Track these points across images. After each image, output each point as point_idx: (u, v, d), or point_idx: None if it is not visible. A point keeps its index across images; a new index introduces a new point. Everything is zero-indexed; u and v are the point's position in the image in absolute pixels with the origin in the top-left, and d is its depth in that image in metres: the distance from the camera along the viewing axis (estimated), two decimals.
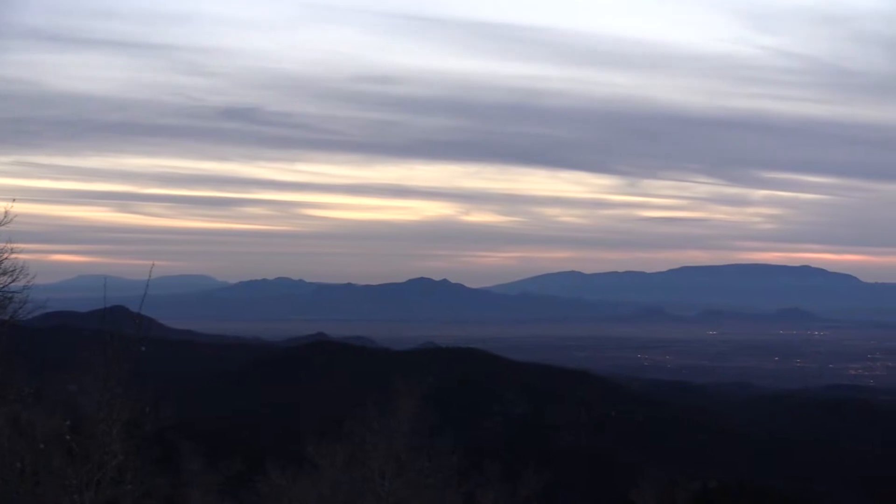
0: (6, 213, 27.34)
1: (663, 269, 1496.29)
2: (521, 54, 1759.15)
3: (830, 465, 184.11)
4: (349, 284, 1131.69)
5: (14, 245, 27.85)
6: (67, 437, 26.58)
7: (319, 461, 50.49)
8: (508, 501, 55.89)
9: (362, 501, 49.00)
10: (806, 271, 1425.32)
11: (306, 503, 50.55)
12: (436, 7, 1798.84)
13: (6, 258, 27.95)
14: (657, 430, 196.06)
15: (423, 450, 48.48)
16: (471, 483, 54.31)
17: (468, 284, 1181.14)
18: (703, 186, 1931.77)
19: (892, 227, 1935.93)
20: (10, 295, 28.21)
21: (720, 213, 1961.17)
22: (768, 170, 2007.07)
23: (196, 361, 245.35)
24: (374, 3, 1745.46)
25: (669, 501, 61.67)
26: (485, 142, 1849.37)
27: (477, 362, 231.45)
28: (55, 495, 26.66)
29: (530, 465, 58.69)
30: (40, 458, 26.83)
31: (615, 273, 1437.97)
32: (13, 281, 28.21)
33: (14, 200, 27.64)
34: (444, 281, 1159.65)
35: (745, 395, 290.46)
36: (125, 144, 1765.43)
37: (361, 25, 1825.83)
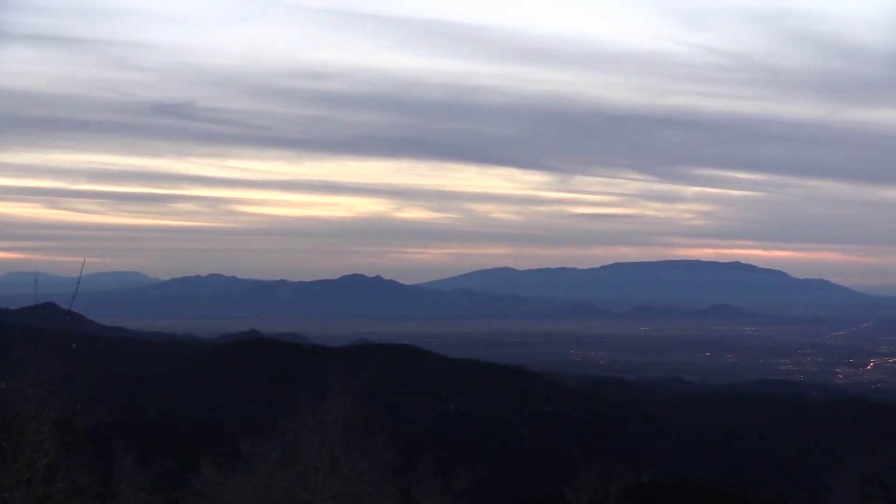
0: None
1: (595, 265, 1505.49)
2: (453, 51, 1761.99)
3: (763, 459, 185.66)
4: (282, 281, 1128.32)
5: None
6: None
7: (253, 458, 50.34)
8: (443, 497, 55.91)
9: (296, 498, 48.86)
10: (736, 267, 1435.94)
11: (240, 500, 50.36)
12: (367, 3, 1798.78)
13: None
14: (590, 425, 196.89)
15: (358, 446, 48.43)
16: (405, 479, 54.30)
17: (402, 281, 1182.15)
18: (634, 183, 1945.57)
19: (821, 223, 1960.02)
20: None
21: (651, 210, 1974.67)
22: (699, 166, 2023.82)
23: (128, 359, 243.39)
24: None
25: (603, 497, 61.86)
26: (416, 138, 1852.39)
27: (411, 359, 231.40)
28: None
29: (465, 460, 58.76)
30: None
31: (548, 269, 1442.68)
32: None
33: None
34: (378, 277, 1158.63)
35: (677, 390, 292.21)
36: (54, 140, 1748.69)
37: (293, 21, 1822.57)
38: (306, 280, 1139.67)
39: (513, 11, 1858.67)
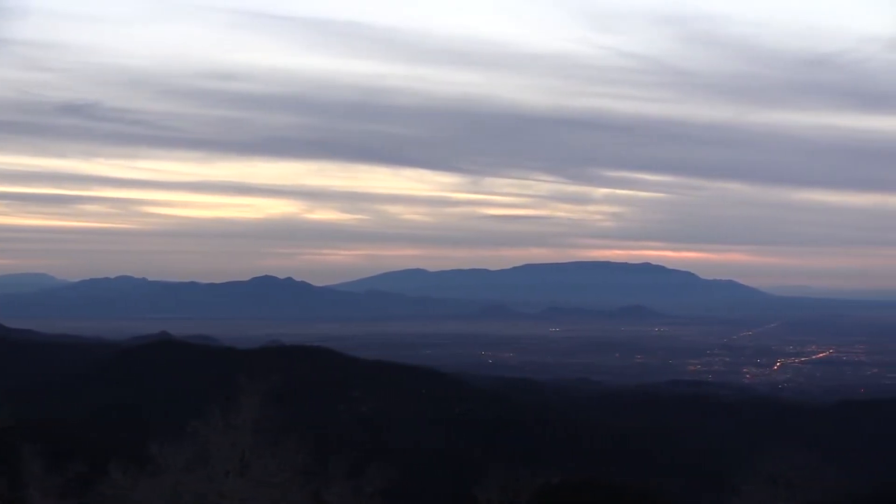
0: None
1: (506, 266, 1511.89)
2: (364, 52, 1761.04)
3: (671, 458, 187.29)
4: (192, 283, 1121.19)
5: None
6: None
7: (163, 461, 50.05)
8: (353, 499, 55.95)
9: (206, 501, 48.68)
10: (646, 268, 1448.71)
11: None
12: (279, 4, 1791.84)
13: None
14: (501, 426, 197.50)
15: (268, 448, 48.35)
16: (316, 481, 54.28)
17: (313, 283, 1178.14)
18: (545, 185, 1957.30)
19: (728, 224, 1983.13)
20: None
21: (562, 211, 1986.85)
22: (608, 168, 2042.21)
23: (36, 361, 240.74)
24: None
25: (513, 497, 62.21)
26: (327, 139, 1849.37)
27: (322, 360, 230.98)
28: None
29: (376, 462, 58.82)
30: None
31: (459, 271, 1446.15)
32: None
33: None
34: (289, 279, 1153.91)
35: (588, 390, 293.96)
36: None
37: (204, 22, 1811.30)
38: (217, 282, 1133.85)
39: (424, 13, 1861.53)
